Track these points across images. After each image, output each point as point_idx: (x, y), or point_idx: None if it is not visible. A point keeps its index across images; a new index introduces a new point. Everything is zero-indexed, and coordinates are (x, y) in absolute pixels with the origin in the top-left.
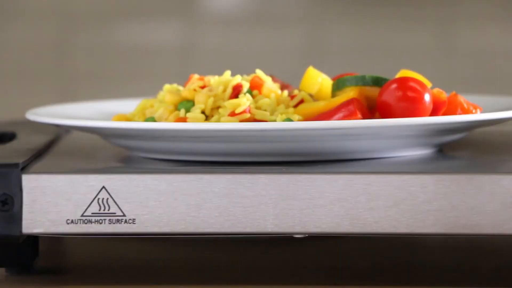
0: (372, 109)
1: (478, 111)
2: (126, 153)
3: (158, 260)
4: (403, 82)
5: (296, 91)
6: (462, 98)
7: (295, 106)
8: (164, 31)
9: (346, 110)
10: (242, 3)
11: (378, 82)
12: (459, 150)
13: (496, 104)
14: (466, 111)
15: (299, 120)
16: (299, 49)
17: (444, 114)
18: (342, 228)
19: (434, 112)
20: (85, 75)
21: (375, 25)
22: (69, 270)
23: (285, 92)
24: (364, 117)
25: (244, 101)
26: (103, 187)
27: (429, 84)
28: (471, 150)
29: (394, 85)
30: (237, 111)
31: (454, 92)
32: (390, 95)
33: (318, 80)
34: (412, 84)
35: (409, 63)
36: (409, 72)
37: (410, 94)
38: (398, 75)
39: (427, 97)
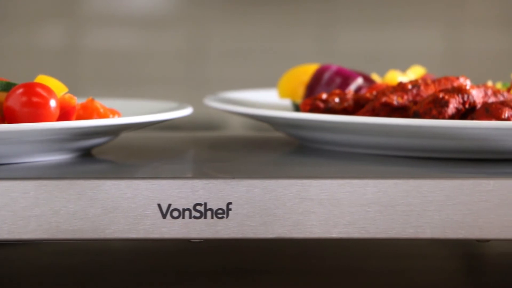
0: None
1: (116, 116)
2: None
3: None
4: (29, 88)
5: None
6: (99, 104)
7: None
8: (47, 33)
9: None
10: (127, 6)
11: (8, 87)
12: (106, 154)
13: (144, 108)
14: (102, 116)
15: None
16: (181, 50)
17: (78, 119)
18: None
19: (64, 117)
20: None
21: (257, 27)
22: None
23: None
24: None
25: None
26: None
27: (63, 90)
28: (116, 154)
29: (19, 91)
30: None
31: (90, 98)
32: (15, 100)
33: None
34: (37, 89)
35: (291, 65)
36: (45, 77)
37: (34, 99)
38: (35, 80)
39: (52, 103)
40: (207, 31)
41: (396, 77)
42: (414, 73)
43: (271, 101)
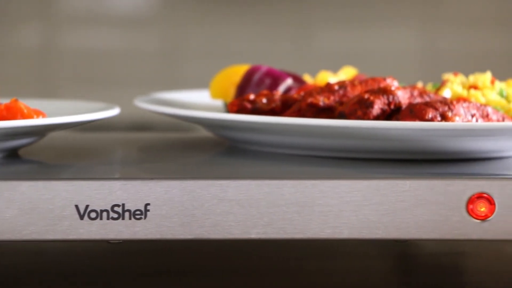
0: None
1: (40, 117)
2: None
3: None
4: None
5: None
6: (23, 104)
7: None
8: (23, 33)
9: None
10: (103, 6)
11: None
12: (33, 154)
13: (71, 109)
14: (26, 117)
15: None
16: (157, 51)
17: (2, 119)
18: None
19: None
20: None
21: (234, 28)
22: None
23: None
24: None
25: None
26: None
27: None
28: (43, 155)
29: None
30: None
31: (14, 98)
32: None
33: None
34: None
35: (271, 64)
36: None
37: None
38: None
39: None
40: (183, 32)
41: (327, 77)
42: (346, 73)
43: (204, 101)
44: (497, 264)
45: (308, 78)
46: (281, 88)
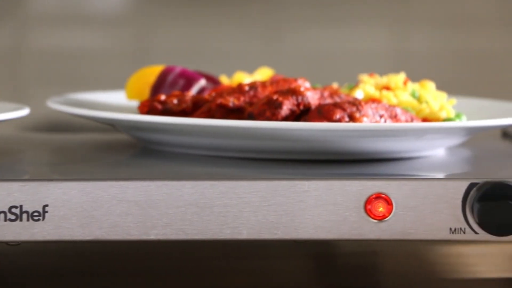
0: None
1: None
2: None
3: None
4: None
5: None
6: None
7: None
8: None
9: None
10: (75, 6)
11: None
12: None
13: None
14: None
15: None
16: (128, 50)
17: None
18: None
19: None
20: None
21: (206, 28)
22: None
23: None
24: None
25: None
26: None
27: None
28: None
29: None
30: None
31: None
32: None
33: None
34: None
35: (241, 65)
36: None
37: None
38: None
39: None
40: (156, 32)
41: (243, 78)
42: (262, 74)
43: (120, 102)
44: (410, 264)
45: (224, 79)
46: (194, 89)
